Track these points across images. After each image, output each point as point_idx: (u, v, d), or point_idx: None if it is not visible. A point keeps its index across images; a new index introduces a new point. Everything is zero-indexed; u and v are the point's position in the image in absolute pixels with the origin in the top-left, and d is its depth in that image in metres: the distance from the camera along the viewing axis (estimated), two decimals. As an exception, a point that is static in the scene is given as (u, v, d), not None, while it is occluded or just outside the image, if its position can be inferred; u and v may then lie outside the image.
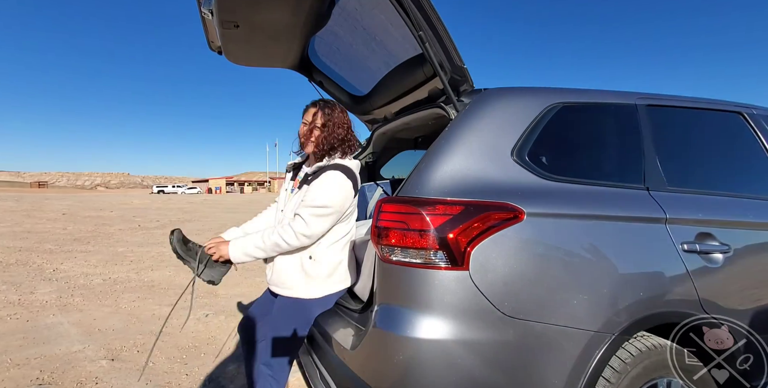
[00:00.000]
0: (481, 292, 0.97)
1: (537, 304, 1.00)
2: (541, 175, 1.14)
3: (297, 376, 2.25)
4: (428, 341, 0.96)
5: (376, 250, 1.10)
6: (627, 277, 1.10)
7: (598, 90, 1.42)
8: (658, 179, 1.31)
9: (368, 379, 1.06)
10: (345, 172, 1.39)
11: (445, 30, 1.20)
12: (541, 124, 1.23)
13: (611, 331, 1.03)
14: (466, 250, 0.98)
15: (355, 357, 1.12)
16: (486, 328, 0.97)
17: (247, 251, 1.39)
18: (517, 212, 1.03)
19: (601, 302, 1.04)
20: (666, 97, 1.52)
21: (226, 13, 1.50)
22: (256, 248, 1.38)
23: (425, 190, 1.06)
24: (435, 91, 1.60)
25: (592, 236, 1.10)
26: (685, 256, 1.17)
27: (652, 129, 1.39)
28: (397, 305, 1.03)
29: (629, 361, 1.07)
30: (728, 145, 1.67)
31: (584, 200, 1.16)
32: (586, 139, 1.42)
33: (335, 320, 1.46)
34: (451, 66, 1.29)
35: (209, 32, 1.74)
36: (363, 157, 2.50)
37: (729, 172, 1.63)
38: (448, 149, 1.13)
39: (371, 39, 1.68)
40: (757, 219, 1.38)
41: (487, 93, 1.29)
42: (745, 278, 1.30)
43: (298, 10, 1.57)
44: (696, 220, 1.27)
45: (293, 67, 2.14)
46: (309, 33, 1.79)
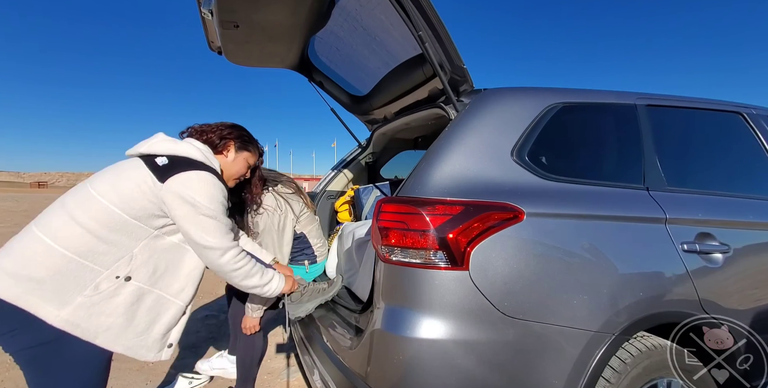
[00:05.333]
0: (480, 292, 0.97)
1: (537, 304, 1.00)
2: (541, 176, 1.14)
3: (297, 376, 2.25)
4: (428, 341, 0.96)
5: (376, 250, 1.10)
6: (627, 277, 1.10)
7: (598, 90, 1.42)
8: (658, 179, 1.31)
9: (368, 379, 1.06)
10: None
11: (445, 30, 1.20)
12: (540, 124, 1.23)
13: (611, 331, 1.03)
14: (465, 250, 0.98)
15: (355, 357, 1.12)
16: (486, 328, 0.97)
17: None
18: (516, 212, 1.03)
19: (601, 302, 1.04)
20: (666, 97, 1.52)
21: (226, 13, 1.50)
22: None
23: (425, 190, 1.06)
24: (435, 91, 1.60)
25: (592, 236, 1.10)
26: (684, 256, 1.17)
27: (652, 129, 1.39)
28: (396, 305, 1.03)
29: (629, 361, 1.07)
30: (728, 145, 1.67)
31: (584, 200, 1.16)
32: (585, 140, 1.42)
33: (335, 320, 1.46)
34: (450, 66, 1.29)
35: (209, 32, 1.74)
36: (363, 158, 2.50)
37: (729, 172, 1.63)
38: (448, 149, 1.13)
39: (371, 39, 1.68)
40: (757, 219, 1.38)
41: (487, 93, 1.29)
42: (745, 278, 1.30)
43: (298, 11, 1.57)
44: (696, 220, 1.27)
45: (293, 68, 2.15)
46: (309, 33, 1.79)
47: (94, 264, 1.05)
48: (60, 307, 1.01)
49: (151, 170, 1.12)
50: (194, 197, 1.12)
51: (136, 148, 1.21)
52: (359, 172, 2.56)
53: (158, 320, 1.16)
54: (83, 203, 1.07)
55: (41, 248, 1.02)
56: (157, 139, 1.23)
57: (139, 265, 1.11)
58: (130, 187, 1.09)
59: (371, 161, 2.55)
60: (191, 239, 1.16)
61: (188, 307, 1.25)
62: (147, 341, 1.14)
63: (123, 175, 1.12)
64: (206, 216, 1.14)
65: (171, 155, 1.18)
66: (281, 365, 2.42)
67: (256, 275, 1.28)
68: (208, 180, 1.16)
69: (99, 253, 1.05)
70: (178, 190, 1.11)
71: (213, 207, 1.15)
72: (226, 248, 1.18)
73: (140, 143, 1.22)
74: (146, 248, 1.12)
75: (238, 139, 1.42)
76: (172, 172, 1.13)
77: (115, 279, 1.07)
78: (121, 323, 1.08)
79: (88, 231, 1.04)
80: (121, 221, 1.07)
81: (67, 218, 1.05)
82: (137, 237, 1.11)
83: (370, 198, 2.25)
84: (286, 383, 2.20)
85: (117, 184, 1.10)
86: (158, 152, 1.18)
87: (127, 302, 1.09)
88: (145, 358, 1.15)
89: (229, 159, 1.40)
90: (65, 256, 1.02)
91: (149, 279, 1.13)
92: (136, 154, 1.20)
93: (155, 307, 1.15)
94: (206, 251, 1.17)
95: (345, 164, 2.50)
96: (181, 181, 1.12)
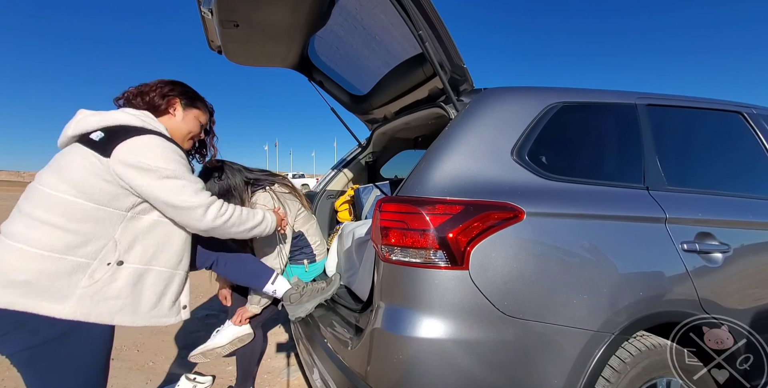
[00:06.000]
0: (480, 291, 0.97)
1: (537, 303, 1.00)
2: (541, 175, 1.14)
3: (297, 375, 2.25)
4: (428, 341, 0.96)
5: (376, 249, 1.10)
6: (627, 276, 1.10)
7: (598, 89, 1.42)
8: (658, 179, 1.31)
9: (368, 378, 1.06)
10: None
11: (445, 29, 1.20)
12: (541, 123, 1.23)
13: (611, 330, 1.03)
14: (465, 249, 0.98)
15: (355, 357, 1.12)
16: (485, 327, 0.97)
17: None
18: (516, 211, 1.03)
19: (601, 302, 1.04)
20: (666, 96, 1.52)
21: (225, 12, 1.50)
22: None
23: (425, 189, 1.06)
24: (435, 90, 1.59)
25: (592, 235, 1.10)
26: (684, 255, 1.17)
27: (652, 129, 1.39)
28: (396, 305, 1.03)
29: (629, 361, 1.07)
30: (728, 144, 1.67)
31: (584, 200, 1.16)
32: (586, 139, 1.42)
33: (335, 320, 1.46)
34: (451, 65, 1.29)
35: (209, 31, 1.74)
36: (363, 157, 2.50)
37: (729, 172, 1.63)
38: (448, 149, 1.13)
39: (371, 38, 1.68)
40: (757, 219, 1.38)
41: (487, 92, 1.29)
42: (744, 278, 1.30)
43: (298, 10, 1.57)
44: (696, 219, 1.27)
45: (293, 67, 2.14)
46: (309, 32, 1.79)
47: (77, 257, 1.01)
48: (61, 301, 0.99)
49: (91, 148, 1.05)
50: (147, 162, 1.04)
51: (63, 133, 1.12)
52: (359, 172, 2.56)
53: (166, 292, 1.17)
54: (38, 202, 1.03)
55: (14, 254, 0.98)
56: (81, 115, 1.13)
57: (126, 248, 1.07)
58: (78, 171, 1.02)
59: (371, 161, 2.55)
60: (166, 205, 1.09)
61: (188, 272, 1.26)
62: (162, 310, 1.16)
63: (64, 162, 1.05)
64: (169, 178, 1.07)
65: (104, 128, 1.08)
66: (281, 364, 2.43)
67: (248, 219, 1.28)
68: (154, 142, 1.08)
69: (76, 245, 1.01)
70: (127, 160, 1.03)
71: (172, 167, 1.08)
72: (207, 204, 1.13)
73: (65, 127, 1.12)
74: (126, 231, 1.08)
75: (182, 95, 1.30)
76: (113, 143, 1.05)
77: (107, 266, 1.05)
78: (131, 302, 1.08)
79: (56, 227, 1.00)
80: (84, 208, 1.02)
81: (29, 220, 1.01)
82: (111, 223, 1.05)
83: (370, 197, 2.25)
84: (286, 382, 2.21)
85: (62, 173, 1.03)
86: (89, 129, 1.09)
87: (128, 284, 1.08)
88: (167, 323, 1.17)
89: (177, 118, 1.28)
90: (42, 255, 0.98)
91: (141, 259, 1.11)
92: (67, 140, 1.11)
93: (159, 282, 1.15)
94: (187, 213, 1.11)
95: (345, 164, 2.50)
96: (127, 149, 1.04)
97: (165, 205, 1.09)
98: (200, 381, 2.03)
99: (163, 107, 1.25)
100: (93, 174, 1.03)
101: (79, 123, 1.10)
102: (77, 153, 1.05)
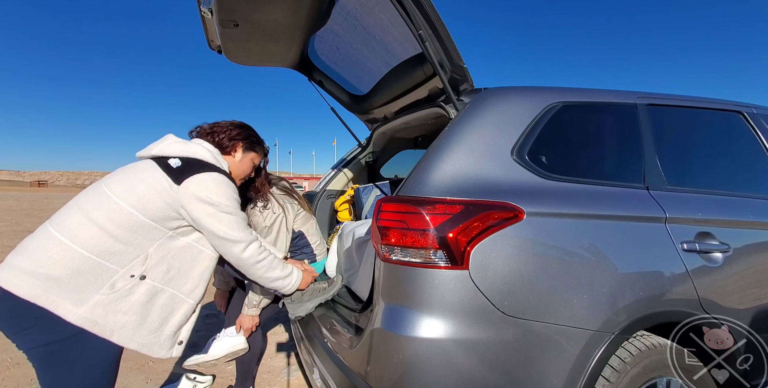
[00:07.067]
0: (480, 291, 0.97)
1: (537, 303, 1.00)
2: (541, 175, 1.14)
3: (297, 375, 2.26)
4: (428, 340, 0.96)
5: (376, 249, 1.10)
6: (627, 276, 1.10)
7: (598, 89, 1.42)
8: (658, 179, 1.31)
9: (368, 378, 1.06)
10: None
11: (445, 29, 1.20)
12: (541, 123, 1.23)
13: (611, 330, 1.03)
14: (465, 249, 0.98)
15: (355, 356, 1.13)
16: (486, 327, 0.97)
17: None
18: (516, 211, 1.03)
19: (601, 302, 1.04)
20: (666, 96, 1.52)
21: (225, 12, 1.50)
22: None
23: (425, 189, 1.06)
24: (435, 90, 1.59)
25: (592, 235, 1.10)
26: (684, 255, 1.17)
27: (652, 128, 1.39)
28: (396, 305, 1.03)
29: (629, 360, 1.07)
30: (728, 144, 1.67)
31: (584, 200, 1.16)
32: (586, 139, 1.42)
33: (335, 320, 1.46)
34: (451, 65, 1.29)
35: (209, 31, 1.74)
36: (363, 157, 2.50)
37: (729, 172, 1.63)
38: (448, 149, 1.13)
39: (371, 38, 1.68)
40: (757, 218, 1.38)
41: (487, 92, 1.29)
42: (744, 278, 1.30)
43: (298, 9, 1.57)
44: (695, 219, 1.27)
45: (293, 67, 2.14)
46: (309, 32, 1.79)
47: (110, 263, 1.07)
48: (78, 305, 1.02)
49: (166, 172, 1.16)
50: (212, 197, 1.16)
51: (147, 150, 1.24)
52: (359, 172, 2.56)
53: (171, 318, 1.18)
54: (100, 205, 1.10)
55: (58, 248, 1.03)
56: (168, 140, 1.26)
57: (153, 264, 1.13)
58: (146, 189, 1.12)
59: (371, 160, 2.55)
60: (215, 236, 1.20)
61: (198, 305, 1.27)
62: (160, 338, 1.16)
63: (138, 177, 1.15)
64: (226, 213, 1.19)
65: (183, 157, 1.21)
66: (281, 363, 2.43)
67: (278, 267, 1.34)
68: (221, 180, 1.21)
69: (115, 252, 1.07)
70: (196, 192, 1.15)
71: (230, 204, 1.20)
72: (249, 241, 1.24)
73: (151, 145, 1.25)
74: (161, 248, 1.15)
75: (245, 139, 1.46)
76: (187, 174, 1.17)
77: (130, 278, 1.09)
78: (135, 321, 1.10)
79: (105, 231, 1.07)
80: (138, 222, 1.10)
81: (84, 219, 1.07)
82: (152, 237, 1.13)
83: (370, 197, 2.25)
84: (286, 381, 2.21)
85: (133, 186, 1.13)
86: (170, 154, 1.21)
87: (141, 301, 1.11)
88: (157, 355, 1.16)
89: (236, 159, 1.44)
90: (83, 255, 1.04)
91: (163, 278, 1.15)
92: (147, 156, 1.23)
93: (168, 305, 1.17)
94: (231, 245, 1.21)
95: (345, 163, 2.50)
96: (197, 182, 1.16)
97: (213, 235, 1.20)
98: (200, 381, 2.03)
99: (228, 149, 1.41)
100: (158, 195, 1.13)
101: (165, 147, 1.23)
102: (151, 173, 1.16)
